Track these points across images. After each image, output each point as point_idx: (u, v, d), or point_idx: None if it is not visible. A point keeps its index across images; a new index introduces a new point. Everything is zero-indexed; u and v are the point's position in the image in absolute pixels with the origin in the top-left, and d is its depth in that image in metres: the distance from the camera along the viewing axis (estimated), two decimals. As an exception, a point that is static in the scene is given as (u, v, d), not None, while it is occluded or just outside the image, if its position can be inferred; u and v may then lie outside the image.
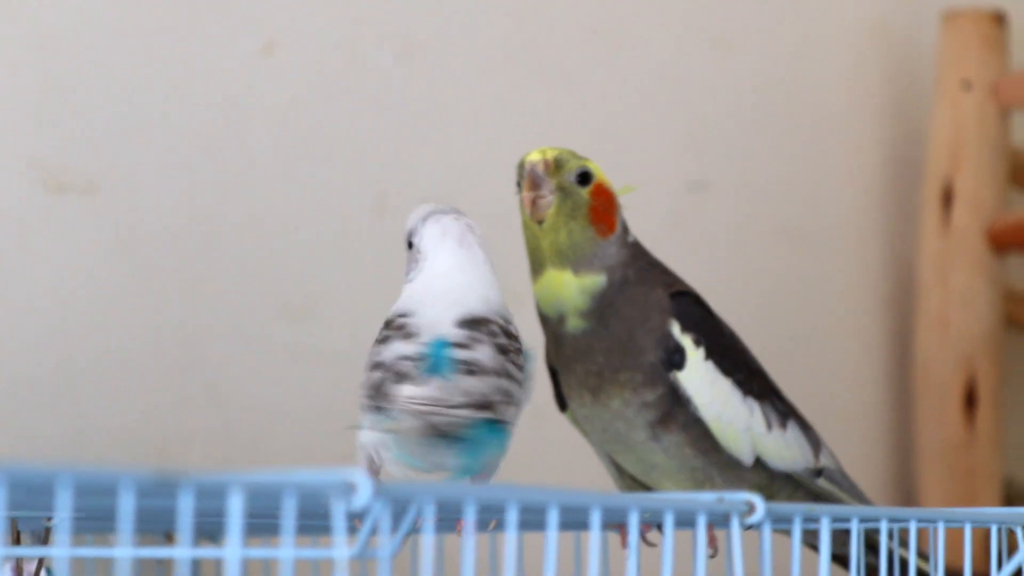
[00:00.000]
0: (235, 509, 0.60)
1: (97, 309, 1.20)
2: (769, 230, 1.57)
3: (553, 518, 0.70)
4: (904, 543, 1.05)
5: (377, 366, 0.89)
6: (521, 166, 1.02)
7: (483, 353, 0.88)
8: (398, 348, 0.89)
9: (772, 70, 1.58)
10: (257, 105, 1.28)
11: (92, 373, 1.19)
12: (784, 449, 1.06)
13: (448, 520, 0.83)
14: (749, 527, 0.78)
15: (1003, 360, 1.60)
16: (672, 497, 0.77)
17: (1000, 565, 0.93)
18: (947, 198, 1.60)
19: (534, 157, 1.01)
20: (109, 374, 1.20)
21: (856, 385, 1.63)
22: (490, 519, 0.76)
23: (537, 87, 1.42)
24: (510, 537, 0.69)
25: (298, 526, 0.86)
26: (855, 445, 1.62)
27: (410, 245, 0.94)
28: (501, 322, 0.91)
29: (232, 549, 0.60)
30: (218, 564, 1.14)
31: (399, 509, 0.67)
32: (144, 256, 1.22)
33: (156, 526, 1.00)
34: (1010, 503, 1.59)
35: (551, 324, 1.04)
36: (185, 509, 0.59)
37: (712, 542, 0.98)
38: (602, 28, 1.47)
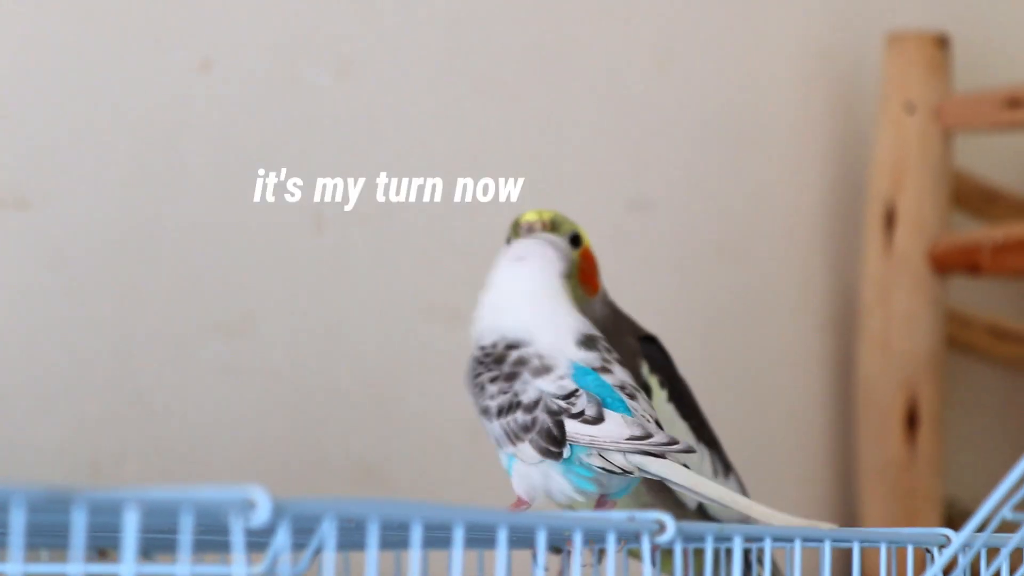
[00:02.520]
0: (130, 526, 0.60)
1: (29, 324, 1.20)
2: (711, 250, 1.57)
3: (459, 536, 0.71)
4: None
5: (528, 407, 0.87)
6: (517, 225, 1.04)
7: (620, 371, 0.89)
8: (544, 385, 0.88)
9: (715, 90, 1.59)
10: (193, 122, 1.27)
11: (24, 388, 1.19)
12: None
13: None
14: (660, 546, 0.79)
15: (945, 381, 1.61)
16: (581, 516, 0.77)
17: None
18: (890, 220, 1.60)
19: (531, 217, 1.03)
20: (41, 389, 1.19)
21: (798, 405, 1.64)
22: (394, 536, 0.76)
23: (477, 106, 1.42)
24: (414, 555, 0.69)
25: (219, 543, 0.86)
26: (797, 465, 1.62)
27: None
28: (602, 337, 0.91)
29: (127, 566, 0.60)
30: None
31: (304, 526, 0.67)
32: (77, 272, 1.22)
33: (91, 542, 1.00)
34: (951, 524, 1.58)
35: None
36: (78, 525, 0.59)
37: None
38: (543, 45, 1.47)
